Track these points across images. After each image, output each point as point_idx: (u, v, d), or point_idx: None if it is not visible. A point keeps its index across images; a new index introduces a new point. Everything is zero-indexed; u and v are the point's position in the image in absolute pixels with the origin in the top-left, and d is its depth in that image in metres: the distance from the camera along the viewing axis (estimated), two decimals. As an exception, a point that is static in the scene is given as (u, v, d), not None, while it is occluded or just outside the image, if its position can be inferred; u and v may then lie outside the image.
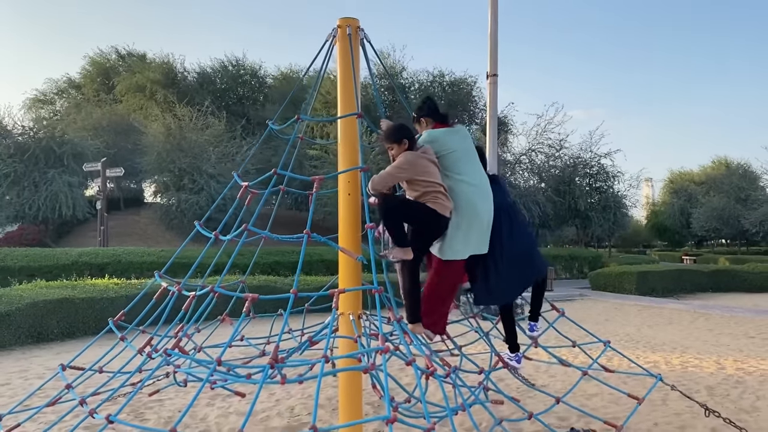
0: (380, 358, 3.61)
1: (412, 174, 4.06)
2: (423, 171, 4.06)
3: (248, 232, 4.04)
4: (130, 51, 40.77)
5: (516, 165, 31.44)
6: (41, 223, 24.48)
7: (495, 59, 13.94)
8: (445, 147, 4.30)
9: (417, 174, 4.05)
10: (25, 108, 38.37)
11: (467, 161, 4.35)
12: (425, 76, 33.54)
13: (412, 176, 4.06)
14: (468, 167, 4.33)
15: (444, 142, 4.32)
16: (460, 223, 4.18)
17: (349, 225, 4.53)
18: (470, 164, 4.36)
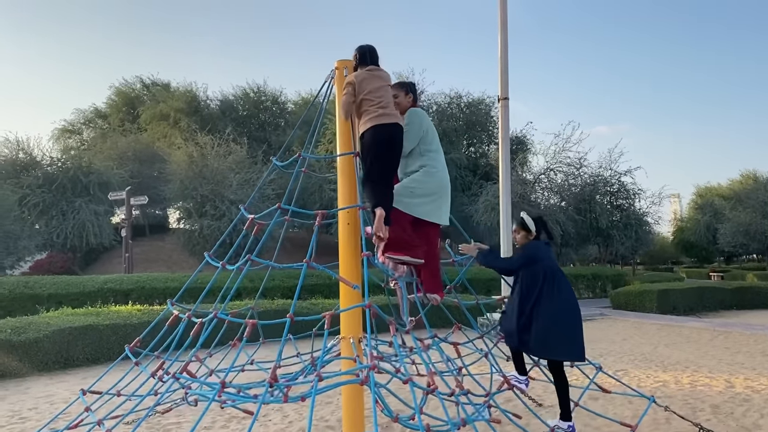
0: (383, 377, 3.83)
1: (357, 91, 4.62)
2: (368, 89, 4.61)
3: (253, 261, 4.31)
4: (155, 80, 41.85)
5: (535, 184, 31.46)
6: (69, 251, 25.15)
7: (506, 83, 14.20)
8: (428, 124, 4.94)
9: (362, 92, 4.59)
10: (54, 138, 39.47)
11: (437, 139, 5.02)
12: (443, 98, 33.86)
13: (358, 94, 4.61)
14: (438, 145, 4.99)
15: (428, 120, 4.97)
16: (435, 191, 4.80)
17: (349, 253, 4.79)
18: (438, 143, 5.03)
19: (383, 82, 4.69)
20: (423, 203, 4.76)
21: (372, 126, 4.50)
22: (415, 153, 4.83)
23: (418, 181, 4.76)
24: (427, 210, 4.80)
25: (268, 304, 14.16)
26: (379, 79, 4.68)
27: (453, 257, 5.69)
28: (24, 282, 16.84)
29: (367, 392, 4.05)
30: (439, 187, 4.88)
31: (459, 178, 32.02)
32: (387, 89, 4.70)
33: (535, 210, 28.37)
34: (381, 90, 4.62)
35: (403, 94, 5.02)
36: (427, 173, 4.80)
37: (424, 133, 4.88)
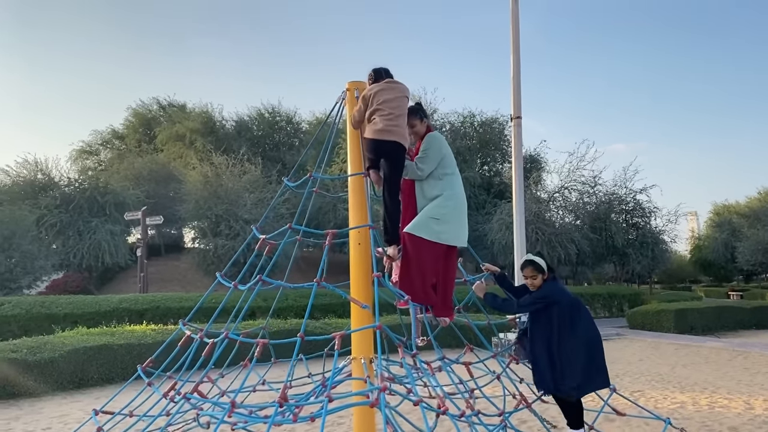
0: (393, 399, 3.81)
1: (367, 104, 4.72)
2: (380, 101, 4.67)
3: (264, 282, 4.32)
4: (171, 102, 42.35)
5: (550, 202, 31.36)
6: (85, 270, 25.36)
7: (518, 102, 14.21)
8: (446, 148, 4.99)
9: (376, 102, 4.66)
10: (72, 159, 39.96)
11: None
12: (456, 118, 33.94)
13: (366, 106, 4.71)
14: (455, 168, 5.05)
15: (446, 145, 5.03)
16: (458, 216, 4.85)
17: (360, 273, 4.80)
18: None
19: (399, 93, 4.75)
20: (449, 229, 4.81)
21: (371, 138, 4.59)
22: (433, 177, 4.87)
23: (441, 207, 4.81)
24: (452, 235, 4.83)
25: (281, 324, 14.17)
26: (395, 90, 4.75)
27: (465, 276, 5.68)
28: (40, 302, 16.98)
29: (379, 413, 4.03)
30: (460, 211, 4.94)
31: (473, 196, 31.98)
32: (402, 101, 4.77)
33: (550, 228, 28.25)
34: (395, 101, 4.69)
35: (419, 121, 5.07)
36: (448, 198, 4.85)
37: (442, 157, 4.92)
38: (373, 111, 4.64)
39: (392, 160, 4.63)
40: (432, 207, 4.81)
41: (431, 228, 4.73)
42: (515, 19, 14.20)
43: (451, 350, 5.45)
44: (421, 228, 4.70)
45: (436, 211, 4.79)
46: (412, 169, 4.84)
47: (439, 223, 4.75)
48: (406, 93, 4.82)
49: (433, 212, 4.79)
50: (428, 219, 4.76)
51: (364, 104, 4.74)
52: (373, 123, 4.62)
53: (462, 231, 4.95)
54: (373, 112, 4.64)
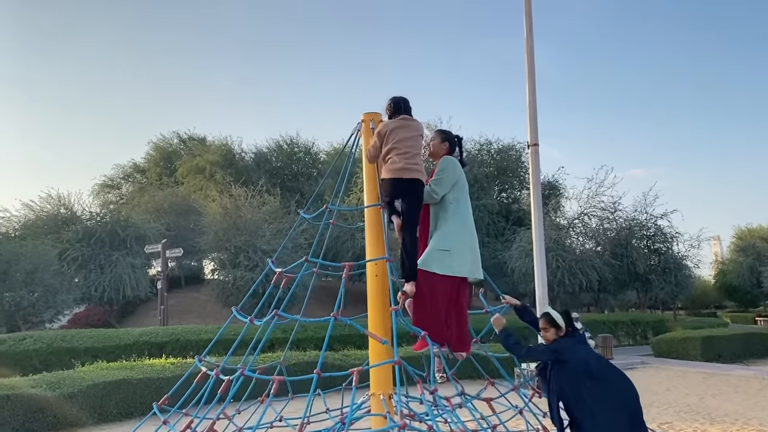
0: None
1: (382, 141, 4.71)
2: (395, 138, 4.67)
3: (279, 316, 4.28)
4: (191, 135, 42.88)
5: (569, 229, 31.08)
6: (106, 303, 25.48)
7: (535, 129, 14.13)
8: (460, 173, 4.95)
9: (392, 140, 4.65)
10: (94, 194, 40.45)
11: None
12: (472, 145, 33.91)
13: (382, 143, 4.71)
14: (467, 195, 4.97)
15: (460, 169, 4.99)
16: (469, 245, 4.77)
17: (378, 306, 4.74)
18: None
19: (414, 132, 4.75)
20: (461, 261, 4.72)
21: (391, 178, 4.53)
22: (445, 200, 4.81)
23: (450, 238, 4.72)
24: (464, 267, 4.75)
25: (300, 356, 14.06)
26: (411, 129, 4.75)
27: (486, 307, 5.58)
28: (62, 336, 17.06)
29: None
30: (470, 240, 4.86)
31: (491, 224, 31.78)
32: (418, 140, 4.76)
33: (571, 255, 27.94)
34: (411, 140, 4.68)
35: (439, 140, 5.06)
36: (458, 228, 4.77)
37: (456, 180, 4.87)
38: (390, 149, 4.63)
39: (411, 198, 4.60)
40: (441, 238, 4.73)
41: (441, 261, 4.64)
42: (530, 48, 14.22)
43: (471, 382, 5.32)
44: (431, 262, 4.61)
45: (446, 242, 4.70)
46: (426, 193, 4.79)
47: (449, 255, 4.66)
48: (421, 131, 4.86)
49: (443, 243, 4.70)
50: (438, 252, 4.68)
51: (379, 140, 4.73)
52: (391, 162, 4.60)
53: (474, 261, 4.86)
54: (389, 151, 4.63)
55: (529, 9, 14.22)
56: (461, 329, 4.87)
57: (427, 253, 4.67)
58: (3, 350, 15.85)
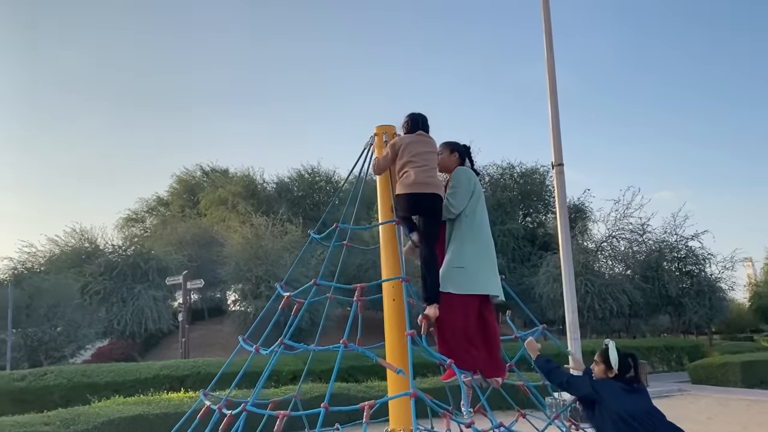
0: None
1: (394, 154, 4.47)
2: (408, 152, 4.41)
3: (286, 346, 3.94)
4: (214, 167, 43.16)
5: (598, 252, 30.38)
6: (129, 337, 25.32)
7: (559, 149, 13.76)
8: (476, 183, 4.60)
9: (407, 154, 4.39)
10: (118, 227, 40.73)
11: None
12: (495, 170, 33.57)
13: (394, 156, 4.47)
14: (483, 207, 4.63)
15: (475, 179, 4.65)
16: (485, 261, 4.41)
17: (395, 332, 4.36)
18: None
19: (431, 148, 4.49)
20: (478, 278, 4.34)
21: (407, 193, 4.27)
22: (461, 215, 4.45)
23: (465, 253, 4.35)
24: (482, 284, 4.37)
25: (324, 388, 13.62)
26: (427, 144, 4.48)
27: (515, 332, 5.16)
28: (82, 371, 16.85)
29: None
30: (487, 255, 4.48)
31: (517, 249, 31.28)
32: (434, 156, 4.49)
33: (600, 279, 27.23)
34: (427, 155, 4.41)
35: (447, 152, 4.73)
36: (472, 242, 4.40)
37: (471, 193, 4.51)
38: (405, 163, 4.35)
39: (431, 214, 4.31)
40: (455, 255, 4.36)
41: (457, 280, 4.27)
42: (551, 66, 13.95)
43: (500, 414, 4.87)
44: (446, 281, 4.23)
45: (460, 259, 4.33)
46: (446, 210, 4.44)
47: (465, 272, 4.28)
48: (436, 149, 4.59)
49: (457, 261, 4.33)
50: (452, 270, 4.30)
51: (392, 153, 4.47)
52: (406, 176, 4.31)
53: (493, 277, 4.47)
54: (404, 165, 4.36)
55: (548, 26, 13.96)
56: (492, 352, 4.47)
57: (441, 273, 4.30)
58: (23, 386, 15.69)
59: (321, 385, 14.31)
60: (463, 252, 4.35)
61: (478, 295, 4.37)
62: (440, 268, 4.37)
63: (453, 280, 4.25)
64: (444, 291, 4.22)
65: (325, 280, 4.45)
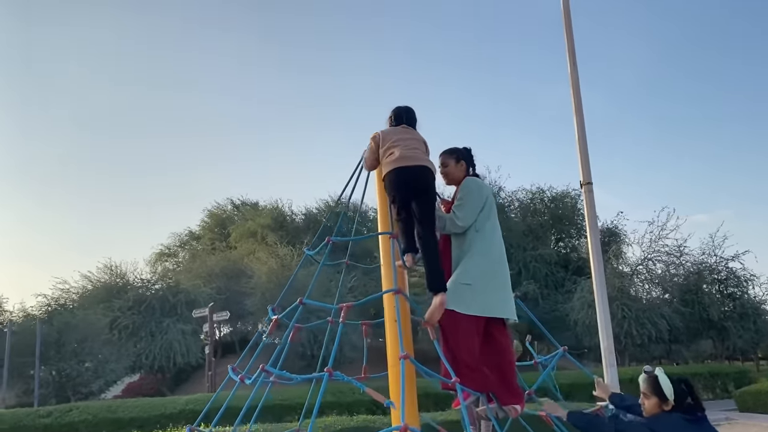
0: None
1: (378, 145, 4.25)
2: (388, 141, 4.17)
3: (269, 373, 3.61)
4: (244, 200, 43.46)
5: (633, 276, 29.44)
6: (158, 372, 25.19)
7: (587, 166, 13.21)
8: (488, 194, 4.26)
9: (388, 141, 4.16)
10: (151, 263, 41.04)
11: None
12: (524, 194, 33.06)
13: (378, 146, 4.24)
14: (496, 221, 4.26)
15: (487, 190, 4.30)
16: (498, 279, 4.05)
17: (398, 357, 3.97)
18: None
19: (414, 136, 4.24)
20: (486, 298, 3.94)
21: (391, 170, 4.03)
22: (469, 229, 4.08)
23: (473, 269, 3.96)
24: (490, 305, 3.97)
25: (347, 422, 13.11)
26: (409, 132, 4.26)
27: (535, 357, 4.74)
28: (107, 407, 16.71)
29: None
30: (498, 273, 4.09)
31: (550, 275, 30.63)
32: (418, 144, 4.21)
33: (636, 304, 26.32)
34: (412, 141, 4.17)
35: (453, 161, 4.36)
36: (481, 256, 4.01)
37: (483, 205, 4.14)
38: (388, 147, 4.12)
39: (423, 189, 4.02)
40: (462, 270, 3.97)
41: (463, 297, 3.87)
42: (575, 81, 13.48)
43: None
44: (451, 298, 3.85)
45: (467, 275, 3.94)
46: (449, 221, 4.07)
47: (472, 290, 3.89)
48: (420, 138, 4.30)
49: (464, 276, 3.94)
50: (459, 286, 3.91)
51: (374, 143, 4.26)
52: (391, 155, 4.06)
53: (505, 298, 4.08)
54: (387, 149, 4.12)
55: (571, 43, 13.58)
56: (506, 377, 4.05)
57: (447, 287, 3.92)
58: (48, 422, 15.60)
59: (345, 418, 13.83)
60: (470, 268, 3.98)
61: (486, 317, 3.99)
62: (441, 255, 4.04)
63: (459, 298, 3.88)
64: (448, 308, 3.85)
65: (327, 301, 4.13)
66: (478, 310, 3.88)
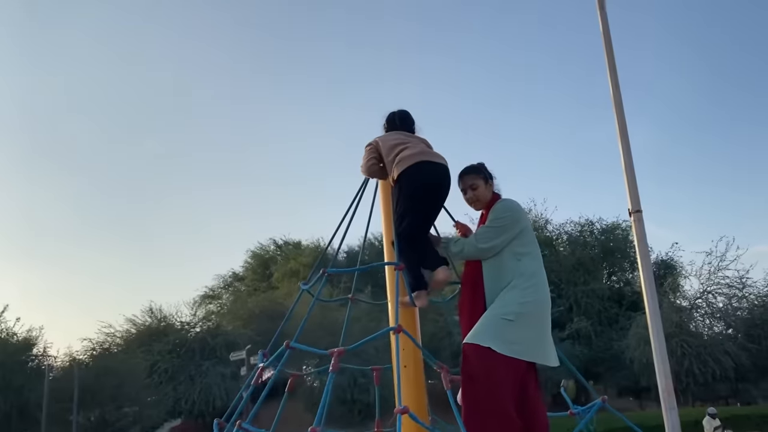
0: None
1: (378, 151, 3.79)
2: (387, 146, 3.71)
3: None
4: (287, 240, 43.43)
5: (692, 311, 27.84)
6: (198, 416, 24.73)
7: (635, 193, 12.27)
8: (525, 219, 3.62)
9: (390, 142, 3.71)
10: (195, 305, 41.13)
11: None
12: (573, 227, 31.99)
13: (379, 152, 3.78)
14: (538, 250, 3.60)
15: (524, 214, 3.66)
16: (540, 319, 3.34)
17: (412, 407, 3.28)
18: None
19: (416, 139, 3.77)
20: (530, 338, 3.23)
21: (411, 164, 3.52)
22: (507, 257, 3.37)
23: (518, 302, 3.24)
24: (534, 347, 3.25)
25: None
26: (410, 136, 3.80)
27: (571, 407, 3.98)
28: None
29: None
30: (544, 312, 3.38)
31: (603, 310, 29.29)
32: (426, 143, 3.79)
33: (697, 340, 24.79)
34: (416, 141, 3.73)
35: (482, 182, 3.62)
36: (529, 292, 3.29)
37: (520, 231, 3.44)
38: (394, 146, 3.66)
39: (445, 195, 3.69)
40: (503, 303, 3.25)
41: (504, 334, 3.15)
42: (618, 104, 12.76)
43: None
44: (486, 333, 3.14)
45: (510, 308, 3.22)
46: (469, 246, 3.41)
47: (514, 327, 3.17)
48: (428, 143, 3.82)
49: (506, 310, 3.22)
50: (499, 321, 3.19)
51: (374, 149, 3.79)
52: (404, 151, 3.59)
53: (549, 340, 3.36)
54: (394, 148, 3.66)
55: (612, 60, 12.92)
56: (539, 429, 3.31)
57: (483, 323, 3.22)
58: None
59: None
60: (513, 301, 3.24)
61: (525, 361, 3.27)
62: (465, 328, 3.34)
63: (499, 334, 3.15)
64: (483, 345, 3.15)
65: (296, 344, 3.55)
66: (523, 351, 3.17)
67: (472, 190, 3.62)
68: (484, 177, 3.66)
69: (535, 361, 3.28)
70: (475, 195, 3.62)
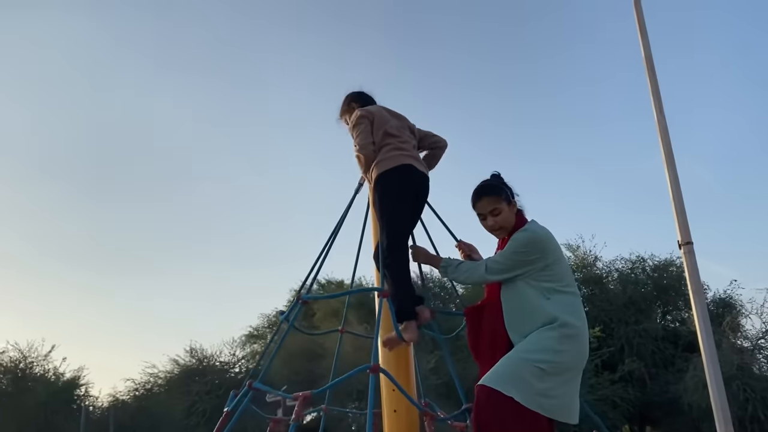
0: None
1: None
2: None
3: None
4: (329, 279, 43.15)
5: (755, 351, 26.26)
6: (234, 460, 24.22)
7: (685, 225, 11.49)
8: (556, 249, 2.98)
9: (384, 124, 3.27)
10: (240, 345, 40.97)
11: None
12: (623, 264, 30.85)
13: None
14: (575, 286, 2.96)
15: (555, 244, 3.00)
16: (573, 368, 2.73)
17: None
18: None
19: (404, 123, 3.37)
20: (563, 395, 2.61)
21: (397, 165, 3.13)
22: (531, 292, 2.78)
23: (555, 353, 2.64)
24: (569, 404, 2.64)
25: None
26: (399, 118, 3.37)
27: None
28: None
29: None
30: (580, 362, 2.76)
31: (657, 351, 27.83)
32: (410, 129, 3.40)
33: (762, 383, 23.22)
34: (403, 129, 3.33)
35: (506, 204, 3.01)
36: (566, 337, 2.67)
37: (546, 265, 2.84)
38: (385, 135, 3.22)
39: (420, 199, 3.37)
40: (539, 347, 2.65)
41: (531, 384, 2.56)
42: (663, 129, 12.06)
43: None
44: (514, 382, 2.58)
45: (546, 355, 2.63)
46: (476, 275, 2.90)
47: (546, 377, 2.59)
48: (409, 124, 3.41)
49: (540, 357, 2.62)
50: (528, 366, 2.59)
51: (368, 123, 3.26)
52: (388, 151, 3.19)
53: (575, 398, 2.73)
54: (384, 137, 3.21)
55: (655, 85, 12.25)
56: None
57: (507, 364, 2.66)
58: None
59: None
60: (548, 346, 2.64)
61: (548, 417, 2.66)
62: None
63: (524, 384, 2.58)
64: (504, 393, 2.56)
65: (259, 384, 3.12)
66: (554, 408, 2.58)
67: (494, 216, 3.01)
68: (506, 198, 3.03)
69: (564, 420, 2.67)
70: (496, 222, 3.01)
